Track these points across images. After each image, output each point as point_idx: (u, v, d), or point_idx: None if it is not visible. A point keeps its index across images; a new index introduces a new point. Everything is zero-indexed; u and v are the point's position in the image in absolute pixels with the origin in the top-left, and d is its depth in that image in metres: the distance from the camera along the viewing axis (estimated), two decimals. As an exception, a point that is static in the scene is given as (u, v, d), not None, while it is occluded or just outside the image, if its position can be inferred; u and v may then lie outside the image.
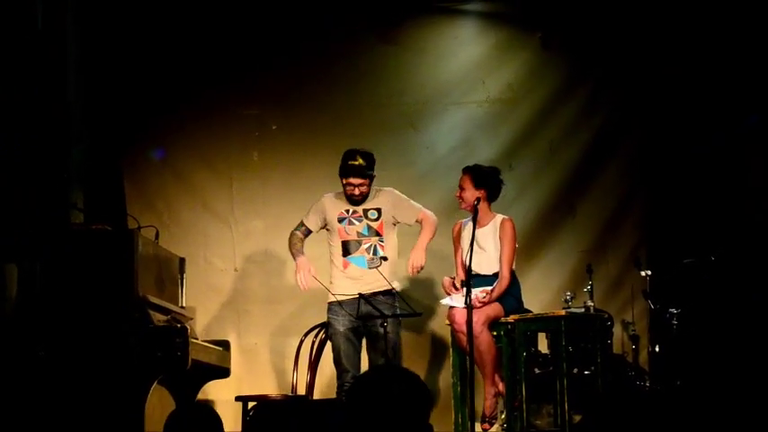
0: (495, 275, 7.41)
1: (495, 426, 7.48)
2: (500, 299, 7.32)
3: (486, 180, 7.49)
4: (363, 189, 7.45)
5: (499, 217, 7.55)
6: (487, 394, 7.35)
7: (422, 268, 7.45)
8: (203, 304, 8.91)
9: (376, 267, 7.34)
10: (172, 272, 7.61)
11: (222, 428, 4.32)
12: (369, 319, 7.27)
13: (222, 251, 9.10)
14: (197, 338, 7.50)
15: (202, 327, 8.73)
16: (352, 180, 7.43)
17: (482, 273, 7.39)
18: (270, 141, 9.13)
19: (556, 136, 9.03)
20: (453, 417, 7.45)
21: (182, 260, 7.86)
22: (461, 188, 7.49)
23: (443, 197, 8.46)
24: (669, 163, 8.82)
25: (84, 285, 6.73)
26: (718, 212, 8.49)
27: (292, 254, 7.63)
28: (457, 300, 7.26)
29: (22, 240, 6.84)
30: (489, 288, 7.29)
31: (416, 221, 7.59)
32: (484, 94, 9.08)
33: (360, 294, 7.21)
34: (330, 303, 7.42)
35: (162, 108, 9.07)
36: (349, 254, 7.46)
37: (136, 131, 9.05)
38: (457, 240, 7.65)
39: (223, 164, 9.14)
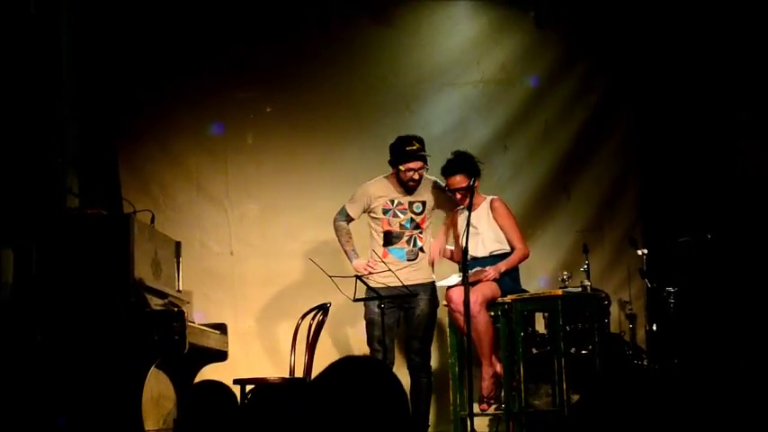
0: (491, 257, 7.42)
1: (494, 406, 7.50)
2: (497, 279, 7.32)
3: (469, 167, 7.44)
4: (422, 172, 7.56)
5: (488, 198, 7.55)
6: (485, 375, 7.36)
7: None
8: (199, 288, 8.90)
9: (413, 260, 7.52)
10: (168, 256, 7.58)
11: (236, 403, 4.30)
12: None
13: (218, 234, 9.09)
14: (194, 322, 7.49)
15: (199, 310, 8.72)
16: (413, 165, 7.49)
17: (478, 255, 7.40)
18: (264, 124, 9.11)
19: (550, 116, 9.03)
20: (451, 398, 7.47)
21: (177, 244, 7.83)
22: (458, 188, 7.41)
23: (438, 178, 8.46)
24: (664, 141, 8.81)
25: (80, 270, 6.71)
26: (712, 190, 8.48)
27: (345, 251, 7.74)
28: (454, 280, 7.27)
29: (17, 225, 6.82)
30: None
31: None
32: (478, 75, 9.07)
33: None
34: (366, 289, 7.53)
35: (156, 92, 9.04)
36: (390, 244, 7.59)
37: (130, 115, 9.03)
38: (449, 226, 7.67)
39: (218, 147, 9.12)
